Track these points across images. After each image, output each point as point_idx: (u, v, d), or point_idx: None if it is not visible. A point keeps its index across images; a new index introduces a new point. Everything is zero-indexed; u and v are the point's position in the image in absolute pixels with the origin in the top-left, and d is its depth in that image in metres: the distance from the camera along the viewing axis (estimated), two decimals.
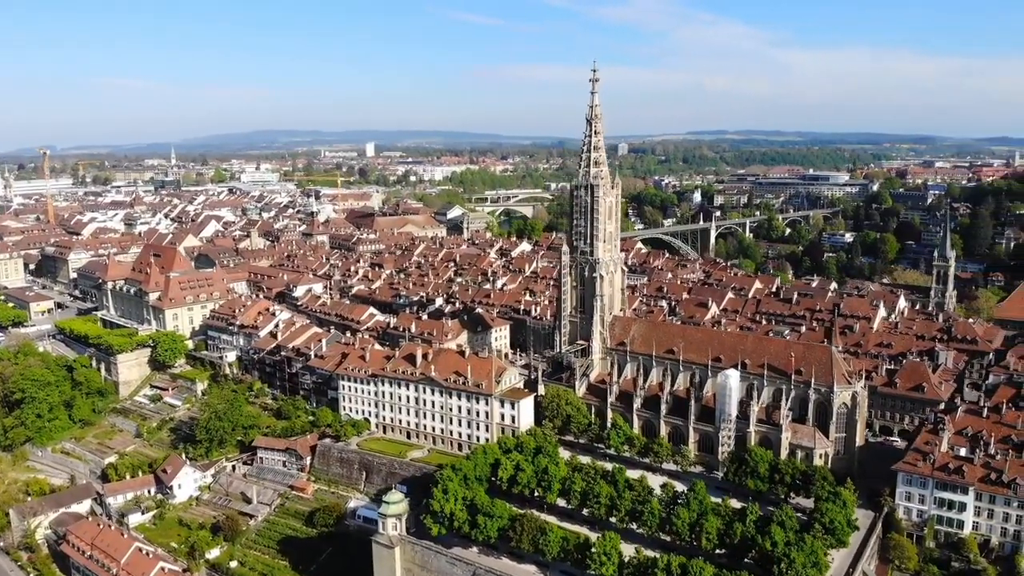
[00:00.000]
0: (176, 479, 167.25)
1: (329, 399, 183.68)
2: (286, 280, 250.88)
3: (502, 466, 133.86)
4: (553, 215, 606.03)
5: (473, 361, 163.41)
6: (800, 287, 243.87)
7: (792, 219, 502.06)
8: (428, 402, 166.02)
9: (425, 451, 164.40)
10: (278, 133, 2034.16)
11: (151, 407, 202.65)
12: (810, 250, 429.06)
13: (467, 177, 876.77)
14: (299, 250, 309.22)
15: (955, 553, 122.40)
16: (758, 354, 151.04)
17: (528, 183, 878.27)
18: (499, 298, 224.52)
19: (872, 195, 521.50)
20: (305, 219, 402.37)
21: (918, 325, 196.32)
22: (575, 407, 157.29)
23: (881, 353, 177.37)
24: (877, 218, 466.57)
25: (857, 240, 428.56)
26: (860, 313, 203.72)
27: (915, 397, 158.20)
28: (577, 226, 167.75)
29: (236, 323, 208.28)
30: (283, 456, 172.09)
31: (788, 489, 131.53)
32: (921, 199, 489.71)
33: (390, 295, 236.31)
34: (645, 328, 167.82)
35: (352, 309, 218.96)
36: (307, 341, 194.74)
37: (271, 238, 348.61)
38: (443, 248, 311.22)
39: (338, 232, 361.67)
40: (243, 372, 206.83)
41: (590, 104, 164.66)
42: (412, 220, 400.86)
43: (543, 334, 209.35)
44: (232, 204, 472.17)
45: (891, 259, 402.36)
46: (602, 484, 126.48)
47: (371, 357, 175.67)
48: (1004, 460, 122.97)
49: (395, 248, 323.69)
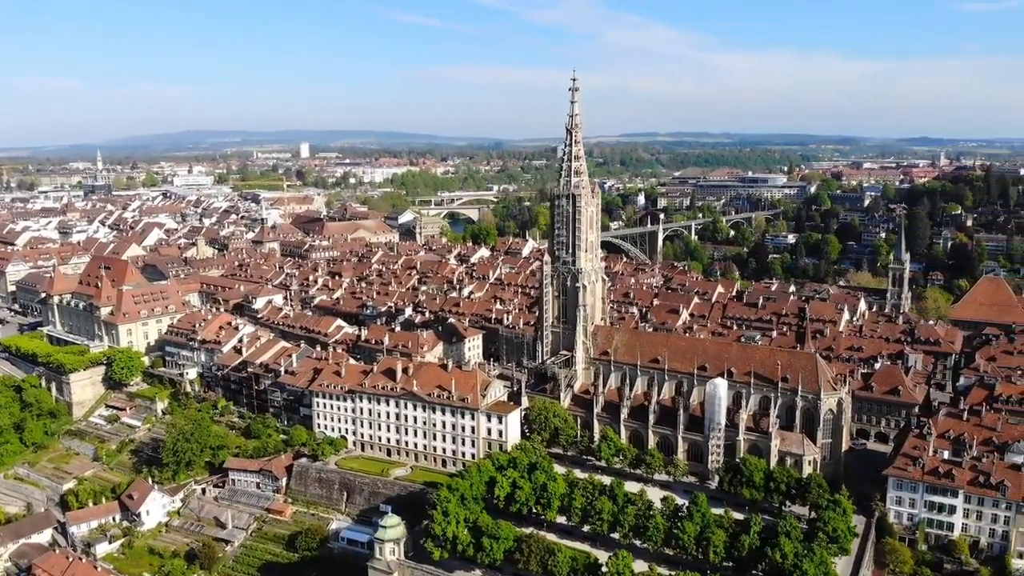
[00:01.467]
0: (144, 505, 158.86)
1: (302, 416, 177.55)
2: (243, 291, 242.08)
3: (498, 484, 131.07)
4: (499, 217, 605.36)
5: (457, 375, 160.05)
6: (761, 291, 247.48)
7: (735, 221, 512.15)
8: (410, 418, 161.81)
9: (408, 468, 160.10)
10: (205, 134, 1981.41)
11: (108, 428, 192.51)
12: (755, 251, 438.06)
13: (408, 179, 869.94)
14: (250, 258, 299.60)
15: (947, 555, 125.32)
16: (743, 362, 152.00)
17: (470, 185, 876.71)
18: (469, 307, 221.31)
19: (811, 197, 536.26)
20: (251, 225, 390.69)
21: (882, 328, 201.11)
22: (562, 419, 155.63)
23: (853, 357, 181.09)
24: (817, 219, 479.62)
25: (800, 241, 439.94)
26: (825, 317, 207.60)
27: (891, 400, 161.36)
28: (559, 236, 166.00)
29: (197, 338, 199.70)
30: (257, 477, 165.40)
31: (784, 498, 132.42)
32: (858, 200, 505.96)
33: (356, 306, 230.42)
34: (628, 337, 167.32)
35: (318, 321, 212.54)
36: (275, 356, 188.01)
37: (217, 246, 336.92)
38: (401, 255, 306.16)
39: (289, 239, 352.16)
40: (205, 389, 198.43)
41: (570, 113, 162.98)
42: (363, 225, 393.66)
43: (516, 343, 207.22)
44: (170, 210, 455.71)
45: (834, 259, 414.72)
46: (604, 500, 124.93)
47: (347, 372, 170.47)
48: (991, 463, 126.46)
49: (350, 255, 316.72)
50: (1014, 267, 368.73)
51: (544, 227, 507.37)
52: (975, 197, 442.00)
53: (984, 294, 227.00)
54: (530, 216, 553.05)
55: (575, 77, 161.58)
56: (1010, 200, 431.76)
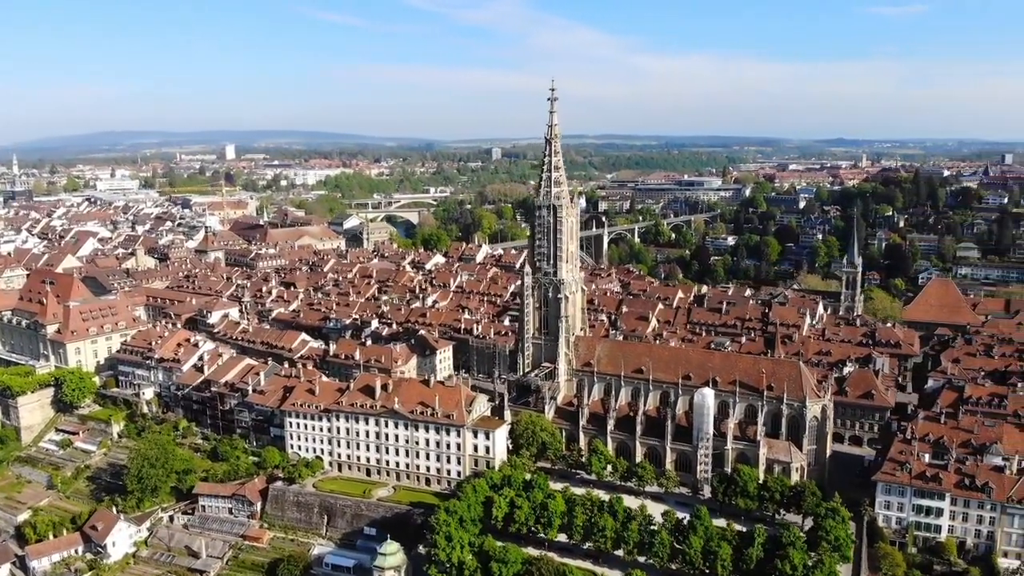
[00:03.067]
0: (110, 536, 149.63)
1: (273, 437, 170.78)
2: (195, 304, 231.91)
3: (496, 504, 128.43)
4: (440, 221, 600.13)
5: (440, 390, 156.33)
6: (718, 295, 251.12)
7: (676, 224, 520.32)
8: (391, 436, 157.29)
9: (390, 489, 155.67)
10: (122, 134, 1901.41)
11: (61, 454, 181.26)
12: (697, 254, 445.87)
13: (343, 181, 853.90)
14: (196, 269, 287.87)
15: (936, 557, 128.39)
16: (728, 371, 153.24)
17: (407, 187, 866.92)
18: (436, 317, 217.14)
19: (747, 199, 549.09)
20: (189, 233, 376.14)
21: (844, 331, 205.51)
22: (549, 433, 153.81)
23: (822, 362, 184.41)
24: (755, 221, 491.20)
25: (740, 243, 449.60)
26: (789, 321, 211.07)
27: (865, 405, 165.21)
28: (540, 247, 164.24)
29: (154, 356, 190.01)
30: (229, 503, 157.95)
31: (778, 506, 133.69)
32: (793, 202, 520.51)
33: (317, 318, 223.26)
34: (610, 348, 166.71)
35: (280, 336, 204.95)
36: (241, 374, 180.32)
37: (157, 255, 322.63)
38: (355, 263, 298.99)
39: (232, 247, 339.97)
40: (164, 410, 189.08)
41: (549, 123, 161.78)
42: (308, 232, 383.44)
43: (488, 354, 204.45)
44: (99, 217, 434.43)
45: (774, 261, 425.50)
46: (606, 517, 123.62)
47: (321, 390, 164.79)
48: (975, 465, 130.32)
49: (300, 264, 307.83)
50: (946, 266, 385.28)
51: (488, 231, 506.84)
52: (905, 199, 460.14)
53: (934, 296, 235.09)
54: (473, 219, 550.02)
55: (554, 87, 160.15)
56: (938, 201, 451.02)
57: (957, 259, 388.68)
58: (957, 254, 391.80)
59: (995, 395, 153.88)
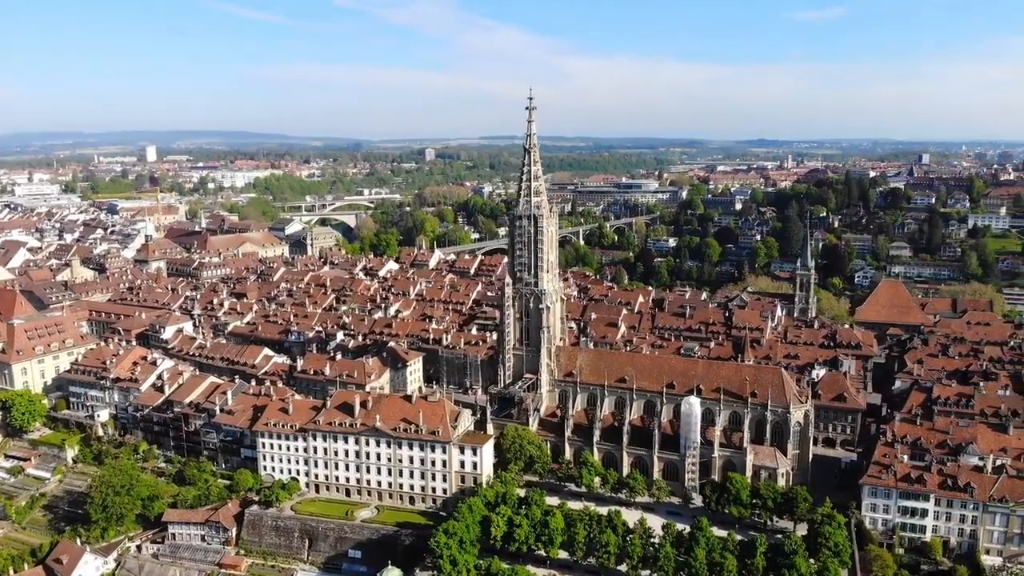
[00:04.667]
0: (76, 569, 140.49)
1: (243, 459, 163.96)
2: (145, 319, 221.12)
3: (494, 523, 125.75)
4: (380, 224, 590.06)
5: (423, 406, 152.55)
6: (676, 298, 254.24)
7: (618, 226, 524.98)
8: (372, 455, 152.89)
9: (373, 509, 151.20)
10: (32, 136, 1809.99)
11: (13, 482, 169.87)
12: (641, 256, 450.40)
13: (273, 183, 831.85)
14: (138, 280, 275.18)
15: (923, 557, 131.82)
16: (711, 379, 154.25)
17: (340, 189, 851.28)
18: (402, 328, 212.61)
19: (684, 201, 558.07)
20: (124, 241, 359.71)
21: (805, 333, 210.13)
22: (536, 446, 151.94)
23: (791, 365, 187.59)
24: (695, 223, 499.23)
25: (682, 245, 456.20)
26: (752, 324, 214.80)
27: (838, 407, 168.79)
28: (520, 257, 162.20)
29: (108, 376, 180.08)
30: (202, 530, 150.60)
31: (771, 513, 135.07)
32: (730, 204, 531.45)
33: (277, 332, 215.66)
34: (592, 357, 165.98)
35: (241, 351, 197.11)
36: (206, 394, 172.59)
37: (93, 266, 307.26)
38: (306, 271, 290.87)
39: (174, 256, 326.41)
40: (121, 433, 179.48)
41: (527, 133, 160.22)
42: (250, 238, 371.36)
43: (458, 364, 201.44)
44: (23, 225, 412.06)
45: (715, 262, 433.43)
46: (608, 533, 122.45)
47: (294, 409, 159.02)
48: (956, 465, 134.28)
49: (248, 273, 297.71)
50: (880, 265, 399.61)
51: (431, 234, 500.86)
52: (837, 200, 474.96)
53: (885, 297, 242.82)
54: (414, 223, 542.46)
55: (532, 96, 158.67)
56: (869, 202, 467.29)
57: (890, 258, 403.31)
58: (890, 253, 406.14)
59: (962, 395, 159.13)
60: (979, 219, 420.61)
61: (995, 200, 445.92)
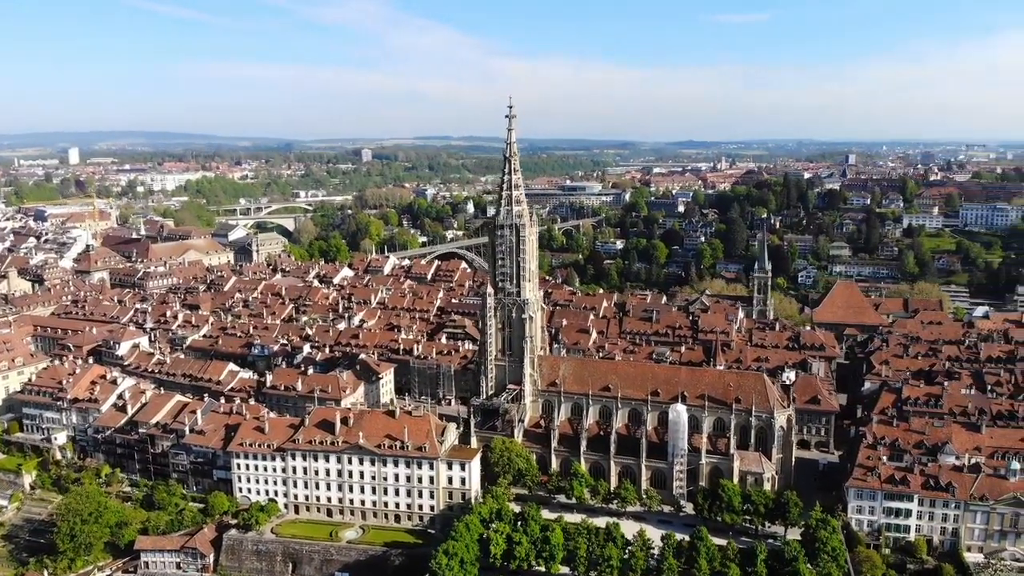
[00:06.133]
0: None
1: (216, 481, 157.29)
2: (96, 334, 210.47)
3: (493, 541, 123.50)
4: (320, 227, 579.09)
5: (407, 421, 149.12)
6: (638, 302, 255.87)
7: (565, 228, 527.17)
8: (355, 473, 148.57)
9: (358, 529, 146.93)
10: None
11: None
12: (591, 259, 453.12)
13: (206, 186, 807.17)
14: (81, 292, 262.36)
15: (908, 556, 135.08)
16: (694, 386, 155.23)
17: (275, 191, 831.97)
18: (370, 338, 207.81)
19: (629, 204, 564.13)
20: (59, 250, 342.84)
21: (769, 336, 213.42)
22: (524, 459, 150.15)
23: (761, 368, 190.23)
24: (640, 225, 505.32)
25: (630, 247, 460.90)
26: (718, 328, 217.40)
27: (812, 409, 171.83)
28: (501, 266, 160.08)
29: (66, 397, 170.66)
30: (177, 557, 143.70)
31: (763, 519, 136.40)
32: (673, 206, 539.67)
33: (238, 345, 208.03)
34: (575, 366, 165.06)
35: (204, 367, 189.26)
36: (172, 413, 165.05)
37: (29, 277, 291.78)
38: (258, 280, 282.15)
39: (116, 265, 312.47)
40: (81, 456, 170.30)
41: (507, 141, 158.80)
42: (194, 246, 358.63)
43: (429, 375, 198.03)
44: None
45: (663, 264, 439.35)
46: (611, 547, 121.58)
47: (271, 428, 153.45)
48: (937, 466, 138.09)
49: (196, 282, 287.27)
50: (822, 265, 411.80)
51: (376, 238, 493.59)
52: (777, 201, 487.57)
53: (840, 298, 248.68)
54: (358, 226, 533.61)
55: (511, 105, 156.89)
56: (808, 203, 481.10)
57: (831, 258, 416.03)
58: (831, 253, 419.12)
59: (931, 395, 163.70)
60: (913, 219, 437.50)
61: (927, 200, 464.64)
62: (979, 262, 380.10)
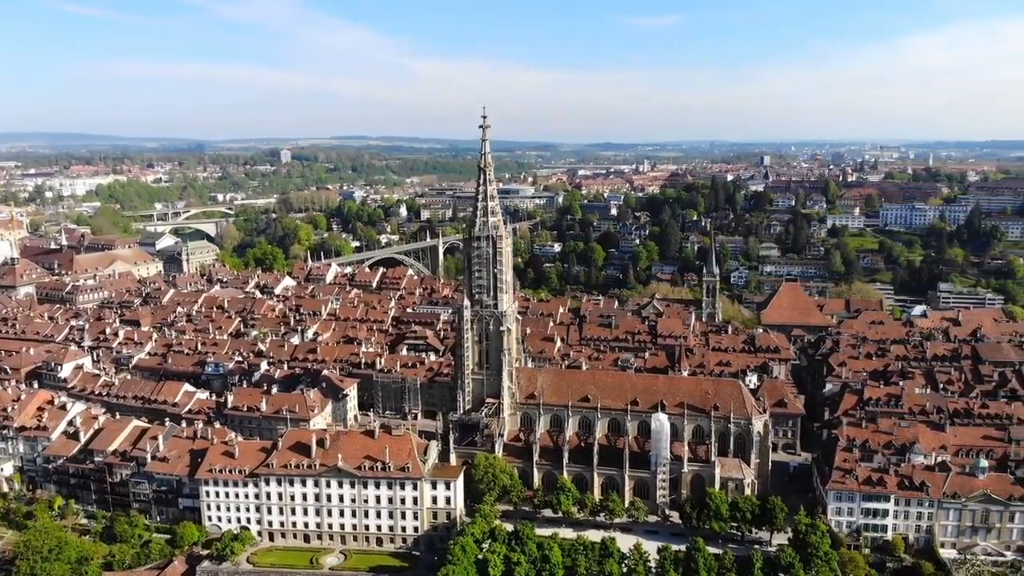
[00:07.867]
0: None
1: (182, 509, 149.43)
2: (33, 355, 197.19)
3: (491, 563, 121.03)
4: (245, 232, 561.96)
5: (387, 441, 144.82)
6: (590, 307, 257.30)
7: None
8: (334, 496, 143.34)
9: (339, 555, 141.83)
10: None
11: None
12: (531, 262, 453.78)
13: (119, 190, 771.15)
14: (6, 309, 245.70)
15: (887, 555, 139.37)
16: (672, 394, 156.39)
17: (192, 195, 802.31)
18: (329, 352, 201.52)
19: (563, 207, 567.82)
20: None
21: (725, 339, 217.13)
22: (508, 474, 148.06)
23: (724, 372, 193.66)
24: (576, 228, 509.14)
25: (568, 251, 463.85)
26: (676, 333, 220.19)
27: (779, 412, 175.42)
28: (478, 278, 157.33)
29: (12, 425, 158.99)
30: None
31: (750, 525, 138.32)
32: (606, 209, 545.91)
33: (190, 363, 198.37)
34: (552, 378, 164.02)
35: (157, 388, 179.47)
36: (130, 439, 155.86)
37: None
38: (198, 292, 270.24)
39: (42, 279, 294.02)
40: (31, 488, 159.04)
41: (482, 152, 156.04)
42: (121, 256, 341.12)
43: (394, 389, 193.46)
44: None
45: (600, 266, 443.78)
46: (611, 563, 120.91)
47: (241, 452, 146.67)
48: (910, 466, 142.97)
49: (130, 296, 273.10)
50: (752, 265, 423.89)
51: (307, 243, 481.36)
52: (706, 203, 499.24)
53: (786, 299, 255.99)
54: (284, 231, 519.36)
55: (485, 115, 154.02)
56: (736, 205, 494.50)
57: (761, 258, 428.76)
58: (760, 253, 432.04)
59: (891, 395, 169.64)
60: (836, 219, 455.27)
61: (849, 201, 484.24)
62: (901, 261, 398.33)
